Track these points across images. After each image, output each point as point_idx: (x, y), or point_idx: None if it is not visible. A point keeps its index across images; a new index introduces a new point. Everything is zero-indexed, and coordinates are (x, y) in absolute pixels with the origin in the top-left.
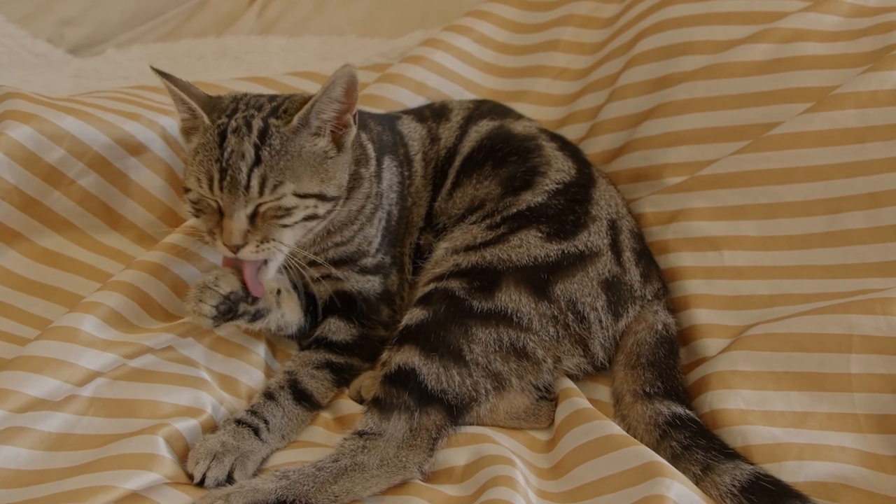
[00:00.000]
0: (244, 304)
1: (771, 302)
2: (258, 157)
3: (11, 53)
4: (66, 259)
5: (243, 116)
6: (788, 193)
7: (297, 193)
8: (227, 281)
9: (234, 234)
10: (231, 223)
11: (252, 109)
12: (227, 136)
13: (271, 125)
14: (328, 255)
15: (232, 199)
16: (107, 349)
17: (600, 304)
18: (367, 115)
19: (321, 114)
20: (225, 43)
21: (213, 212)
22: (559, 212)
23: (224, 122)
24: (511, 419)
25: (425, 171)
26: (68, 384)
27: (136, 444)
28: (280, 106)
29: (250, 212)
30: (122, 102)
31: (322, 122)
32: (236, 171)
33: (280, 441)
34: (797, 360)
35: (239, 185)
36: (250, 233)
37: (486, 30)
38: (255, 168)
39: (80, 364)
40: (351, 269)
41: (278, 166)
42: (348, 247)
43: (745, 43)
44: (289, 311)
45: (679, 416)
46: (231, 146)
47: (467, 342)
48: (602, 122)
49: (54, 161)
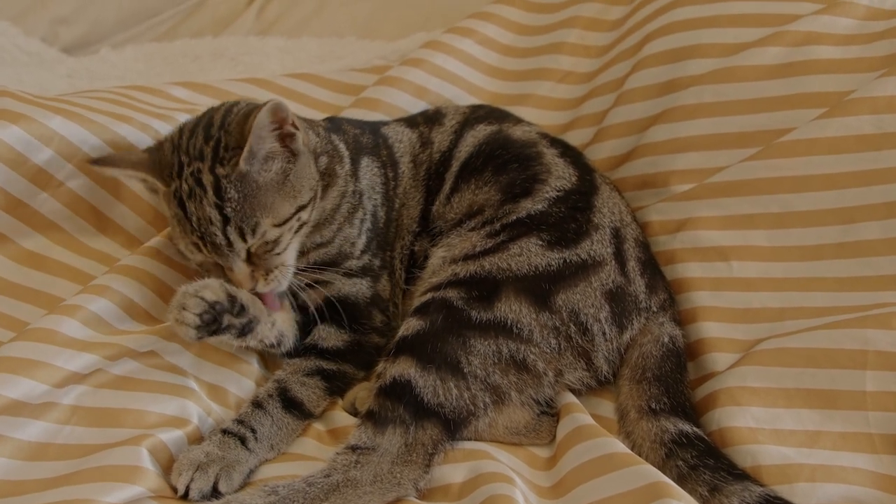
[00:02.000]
0: (229, 315)
1: (782, 315)
2: (225, 217)
3: (3, 51)
4: (51, 262)
5: (191, 173)
6: (800, 202)
7: (276, 224)
8: (213, 290)
9: (243, 283)
10: (235, 275)
11: (195, 161)
12: (185, 203)
13: (220, 177)
14: (311, 259)
15: (223, 257)
16: (85, 350)
17: (604, 315)
18: (343, 119)
19: (260, 145)
20: (222, 43)
21: (218, 266)
22: (560, 220)
23: (177, 187)
24: (510, 434)
25: (415, 173)
26: (45, 385)
27: (119, 456)
28: (219, 145)
29: (244, 258)
30: (113, 104)
31: (266, 150)
32: (213, 237)
33: (269, 451)
34: (809, 377)
35: (221, 246)
36: (254, 272)
37: (491, 32)
38: (227, 227)
39: (56, 364)
40: (336, 271)
41: (246, 213)
42: (330, 248)
43: (755, 46)
44: (280, 320)
45: (686, 433)
46: (195, 213)
47: (465, 354)
48: (608, 127)
49: (42, 162)
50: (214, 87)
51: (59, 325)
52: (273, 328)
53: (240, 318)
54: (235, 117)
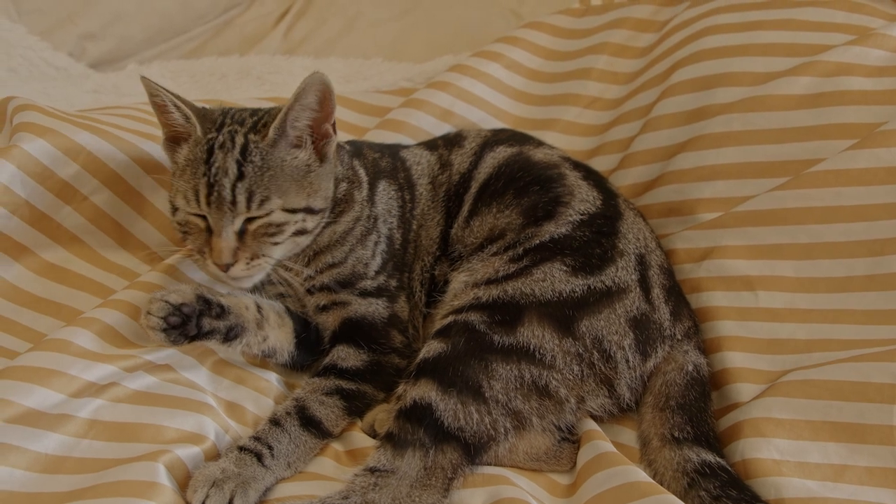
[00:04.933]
0: (208, 318)
1: (809, 347)
2: (241, 173)
3: (31, 65)
4: (73, 275)
5: (228, 131)
6: (829, 233)
7: (286, 209)
8: (181, 293)
9: (223, 253)
10: (220, 241)
11: (236, 124)
12: (214, 152)
13: (250, 141)
14: (324, 279)
15: (219, 214)
16: (100, 360)
17: (628, 342)
18: (364, 143)
19: (296, 122)
20: (248, 62)
21: (201, 231)
22: (584, 244)
23: (213, 137)
24: (531, 460)
25: (434, 195)
26: (60, 394)
27: (135, 471)
28: (260, 120)
29: (238, 228)
30: (139, 122)
31: (299, 132)
32: (221, 188)
33: (285, 469)
34: (836, 410)
35: (224, 200)
36: (240, 250)
37: (518, 56)
38: (239, 182)
39: (71, 374)
40: (351, 292)
41: (262, 181)
42: (342, 269)
43: (786, 76)
44: (274, 337)
45: (709, 463)
46: (217, 162)
47: (487, 378)
48: (634, 154)
49: (68, 176)
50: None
51: (74, 337)
52: (265, 342)
53: (221, 320)
54: (278, 108)
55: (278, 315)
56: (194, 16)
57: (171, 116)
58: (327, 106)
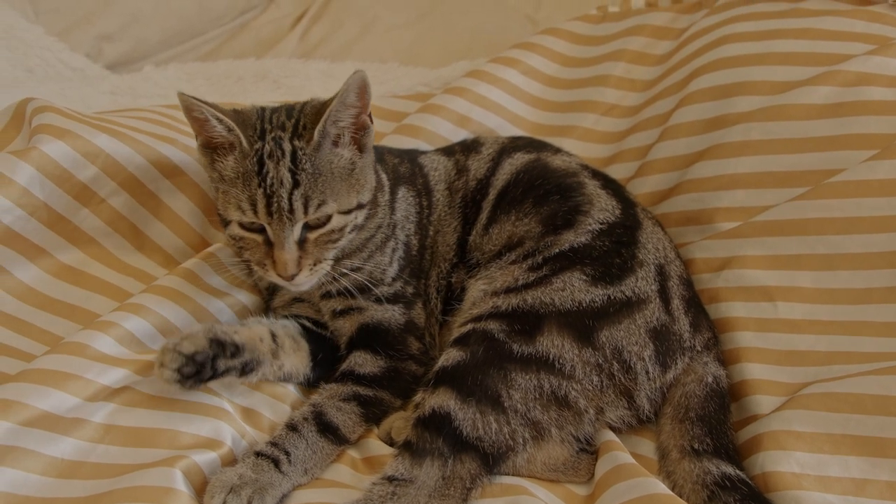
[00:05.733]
0: (223, 360)
1: (829, 359)
2: (296, 181)
3: (48, 66)
4: (88, 277)
5: (272, 139)
6: (849, 244)
7: (341, 211)
8: (193, 341)
9: (288, 265)
10: (284, 254)
11: (277, 130)
12: (265, 163)
13: (297, 148)
14: (341, 283)
15: (280, 225)
16: (116, 364)
17: (648, 353)
18: (384, 148)
19: (338, 122)
20: (265, 65)
21: (259, 245)
22: (604, 254)
23: (259, 147)
24: (549, 471)
25: (451, 200)
26: (75, 398)
27: (152, 477)
28: (299, 122)
29: (298, 236)
30: (156, 125)
31: (340, 130)
32: (280, 198)
33: (302, 475)
34: (856, 423)
35: (283, 210)
36: (302, 258)
37: (535, 62)
38: (295, 191)
39: (86, 377)
40: (367, 298)
41: (316, 186)
42: (360, 274)
43: (805, 85)
44: (290, 363)
45: (729, 476)
46: (270, 173)
47: (506, 387)
48: (652, 162)
49: (86, 179)
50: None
51: (91, 341)
52: (281, 370)
53: (237, 358)
54: (311, 106)
55: (293, 340)
56: (211, 18)
57: (211, 128)
58: (364, 98)
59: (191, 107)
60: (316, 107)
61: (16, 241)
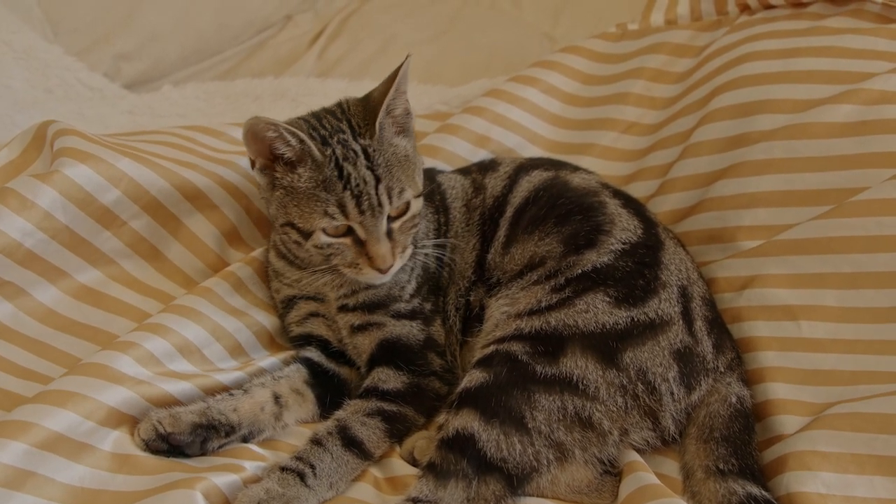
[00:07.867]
0: (217, 439)
1: (854, 379)
2: (377, 177)
3: (67, 86)
4: (109, 299)
5: (338, 141)
6: (873, 263)
7: (416, 195)
8: (176, 422)
9: (386, 257)
10: (380, 247)
11: (337, 133)
12: (342, 166)
13: (365, 146)
14: (359, 299)
15: (373, 221)
16: (131, 386)
17: (672, 375)
18: None
19: (393, 111)
20: (283, 84)
21: (349, 246)
22: (627, 275)
23: (331, 154)
24: (572, 493)
25: (468, 218)
26: (89, 421)
27: (172, 500)
28: (351, 122)
29: (385, 229)
30: (178, 150)
31: (393, 119)
32: (368, 196)
33: (328, 490)
34: (883, 443)
35: (374, 206)
36: (394, 248)
37: (555, 80)
38: (380, 185)
39: (100, 399)
40: (385, 313)
41: (393, 177)
42: (378, 290)
43: (828, 103)
44: (294, 419)
45: (754, 496)
46: (352, 174)
47: (530, 409)
48: (673, 180)
49: (109, 202)
50: None
51: (111, 361)
52: (285, 429)
53: (232, 435)
54: (351, 104)
55: (298, 394)
56: (229, 36)
57: (282, 144)
58: (404, 84)
59: (263, 128)
60: (359, 103)
61: (36, 264)
